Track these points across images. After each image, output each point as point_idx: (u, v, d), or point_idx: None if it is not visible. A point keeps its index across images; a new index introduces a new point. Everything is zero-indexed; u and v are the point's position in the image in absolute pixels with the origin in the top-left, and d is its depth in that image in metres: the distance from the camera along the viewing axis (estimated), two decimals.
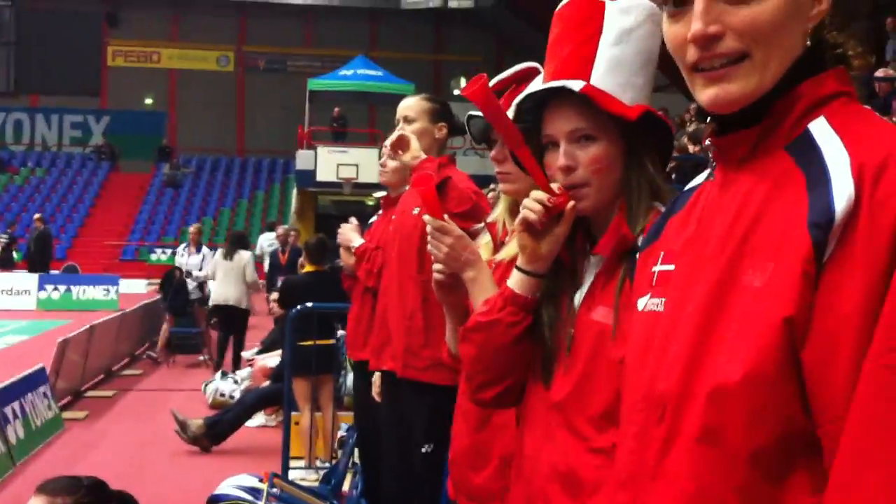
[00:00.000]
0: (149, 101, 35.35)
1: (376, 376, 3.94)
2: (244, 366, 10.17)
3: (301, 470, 6.31)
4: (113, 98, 34.97)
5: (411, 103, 3.61)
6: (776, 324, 1.02)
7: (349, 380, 6.78)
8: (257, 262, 12.56)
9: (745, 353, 1.04)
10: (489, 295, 1.80)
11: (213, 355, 11.72)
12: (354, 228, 4.34)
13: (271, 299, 8.00)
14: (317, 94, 22.99)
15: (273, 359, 8.47)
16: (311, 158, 21.80)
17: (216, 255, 11.38)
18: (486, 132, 2.27)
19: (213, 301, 11.24)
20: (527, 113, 1.72)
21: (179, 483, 6.35)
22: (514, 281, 1.70)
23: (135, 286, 21.01)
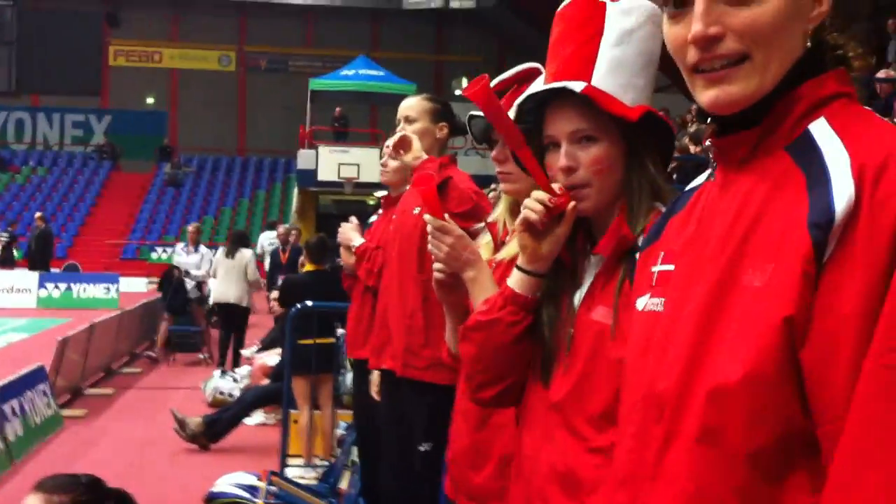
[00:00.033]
0: (150, 100, 35.34)
1: (375, 375, 3.94)
2: (243, 364, 10.17)
3: (299, 468, 6.31)
4: (114, 98, 34.97)
5: (412, 103, 3.61)
6: (776, 324, 1.02)
7: (348, 379, 6.78)
8: (258, 260, 12.56)
9: (744, 353, 1.04)
10: (489, 294, 1.80)
11: (213, 354, 11.73)
12: (355, 228, 4.35)
13: (272, 298, 8.00)
14: (318, 94, 22.99)
15: (272, 357, 8.48)
16: (312, 158, 21.80)
17: (217, 254, 11.40)
18: (488, 132, 2.27)
19: (214, 299, 11.26)
20: (528, 113, 1.72)
21: (178, 481, 6.35)
22: (515, 280, 1.70)
23: (135, 285, 21.06)
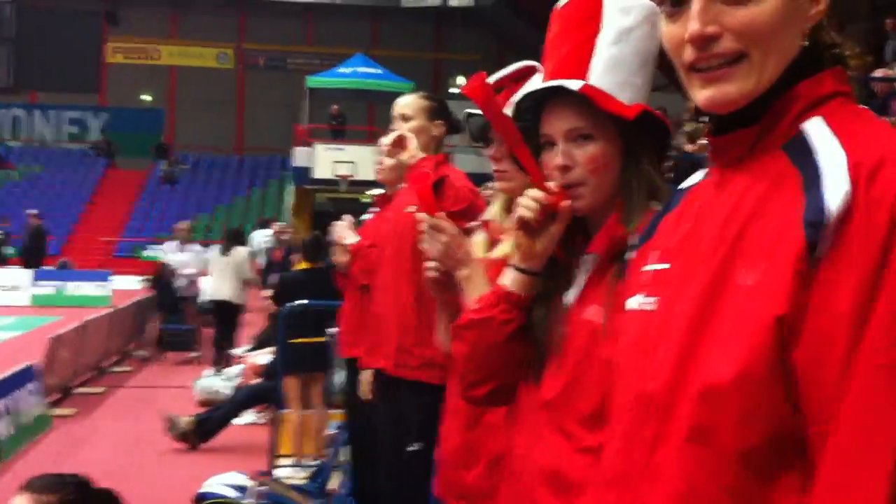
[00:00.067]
0: (148, 98, 35.31)
1: (366, 374, 3.93)
2: (235, 363, 10.14)
3: (289, 468, 6.29)
4: (112, 95, 34.91)
5: (409, 101, 3.60)
6: (768, 323, 1.01)
7: (340, 378, 6.77)
8: (252, 258, 12.54)
9: (736, 352, 1.03)
10: (483, 293, 1.79)
11: (205, 352, 11.71)
12: (349, 226, 4.34)
13: (265, 296, 7.98)
14: (316, 92, 23.00)
15: (264, 356, 8.45)
16: (308, 156, 21.80)
17: (212, 251, 11.37)
18: (484, 130, 2.26)
19: (208, 296, 11.23)
20: (525, 112, 1.71)
21: (168, 480, 6.33)
22: (508, 279, 1.70)
23: (129, 283, 20.98)
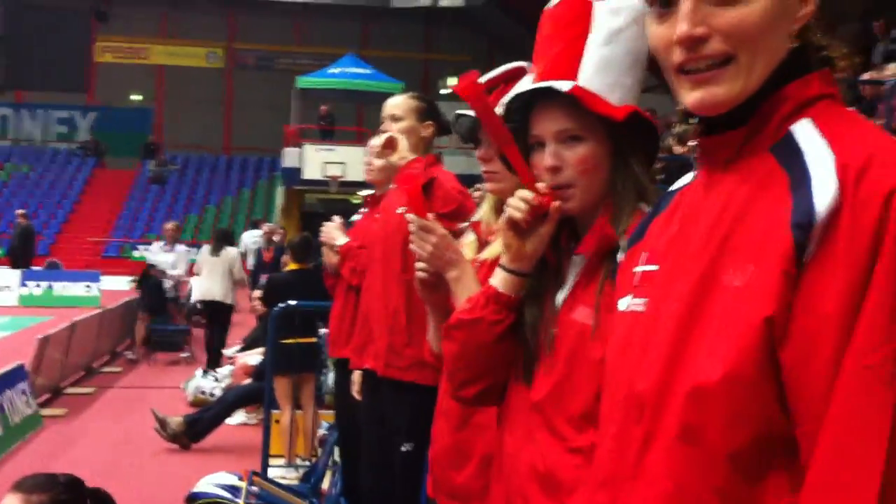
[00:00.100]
0: (136, 97, 35.18)
1: (356, 374, 3.93)
2: (225, 363, 10.12)
3: (281, 468, 6.29)
4: (100, 94, 34.76)
5: (398, 101, 3.60)
6: (756, 324, 1.01)
7: (330, 378, 6.76)
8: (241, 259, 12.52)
9: (724, 352, 1.03)
10: (473, 294, 1.79)
11: (195, 353, 11.69)
12: (338, 227, 4.34)
13: (254, 297, 7.96)
14: (305, 92, 22.95)
15: (254, 357, 8.43)
16: (297, 156, 21.76)
17: (202, 252, 11.35)
18: (474, 131, 2.25)
19: (198, 297, 11.21)
20: (515, 112, 1.71)
21: (159, 481, 6.31)
22: (498, 279, 1.70)
23: (117, 283, 20.89)
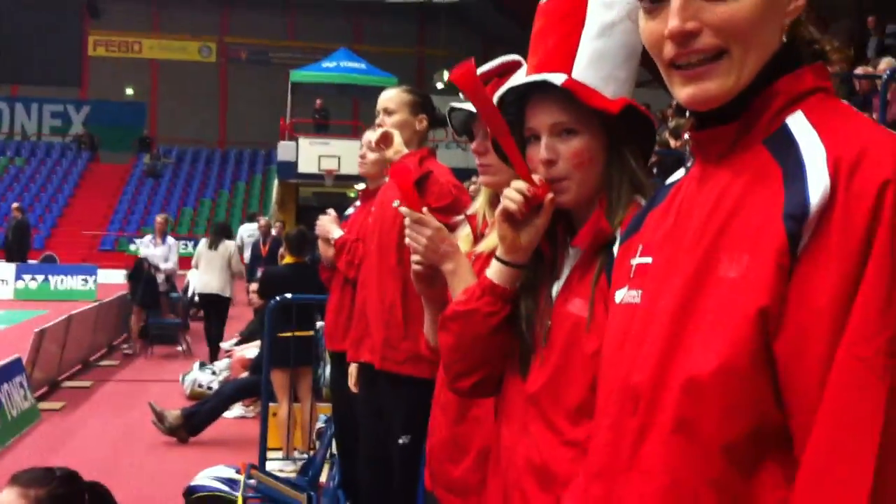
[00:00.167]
0: (129, 91, 35.07)
1: (353, 367, 3.93)
2: (222, 357, 10.12)
3: (279, 461, 6.29)
4: (94, 88, 34.68)
5: (392, 95, 3.59)
6: (750, 315, 1.02)
7: (328, 371, 6.77)
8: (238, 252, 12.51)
9: (719, 344, 1.04)
10: (469, 286, 1.79)
11: (191, 346, 11.68)
12: (333, 220, 4.34)
13: (251, 290, 7.96)
14: (299, 86, 22.87)
15: (251, 350, 8.44)
16: (292, 150, 21.72)
17: (200, 245, 11.36)
18: (468, 124, 2.25)
19: (197, 290, 11.22)
20: (509, 106, 1.71)
21: (156, 474, 6.32)
22: (493, 271, 1.70)
23: (113, 276, 20.84)
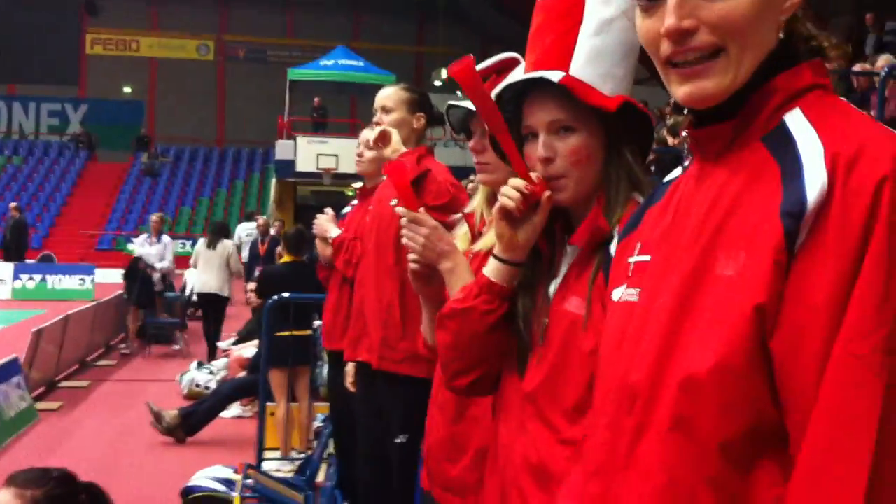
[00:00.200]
0: (127, 89, 35.05)
1: (349, 367, 3.92)
2: (220, 356, 10.11)
3: (276, 461, 6.28)
4: (91, 86, 34.65)
5: (389, 93, 3.58)
6: (746, 313, 1.02)
7: (325, 371, 6.76)
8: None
9: (716, 342, 1.04)
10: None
11: (188, 345, 11.67)
12: (331, 219, 4.33)
13: (249, 289, 7.95)
14: (297, 84, 22.85)
15: (249, 349, 8.43)
16: (290, 148, 21.69)
17: (198, 245, 11.35)
18: (466, 122, 2.25)
19: (196, 289, 11.22)
20: (507, 103, 1.71)
21: (154, 474, 6.31)
22: (491, 269, 1.70)
23: (111, 276, 20.82)
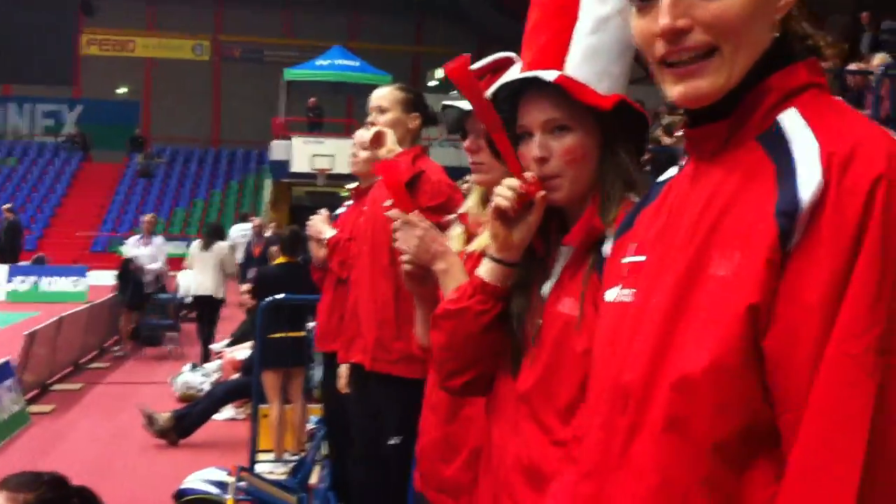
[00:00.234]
0: (123, 90, 35.01)
1: (343, 368, 3.91)
2: (214, 358, 10.09)
3: (269, 463, 6.26)
4: (87, 87, 34.58)
5: (385, 93, 3.57)
6: (740, 313, 1.01)
7: (319, 372, 6.74)
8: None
9: (709, 342, 1.03)
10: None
11: (182, 348, 11.65)
12: (325, 220, 4.31)
13: (243, 290, 7.92)
14: (293, 84, 22.86)
15: (242, 351, 8.40)
16: (286, 149, 21.69)
17: (193, 246, 11.34)
18: (461, 122, 2.23)
19: (191, 291, 11.20)
20: (503, 103, 1.70)
21: (147, 477, 6.29)
22: (485, 269, 1.69)
23: (105, 277, 20.78)
